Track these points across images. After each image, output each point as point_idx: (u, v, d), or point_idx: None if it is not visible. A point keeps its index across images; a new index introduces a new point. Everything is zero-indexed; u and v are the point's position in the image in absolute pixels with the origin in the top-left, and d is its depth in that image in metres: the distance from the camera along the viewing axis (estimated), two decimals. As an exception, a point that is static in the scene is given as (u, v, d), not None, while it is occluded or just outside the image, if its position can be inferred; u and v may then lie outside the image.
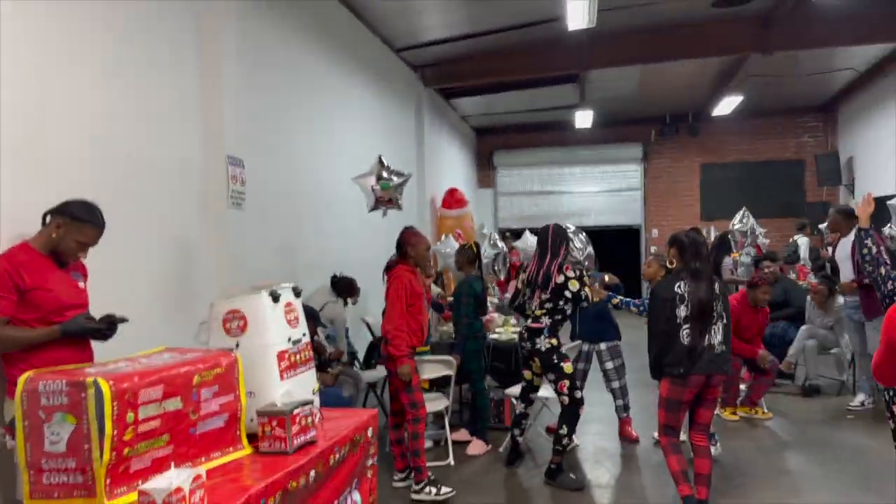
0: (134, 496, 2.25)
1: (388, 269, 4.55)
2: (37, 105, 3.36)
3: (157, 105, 4.24)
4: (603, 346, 5.47)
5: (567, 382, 4.52)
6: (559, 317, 4.55)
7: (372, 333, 6.72)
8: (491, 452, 5.30)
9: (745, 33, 9.52)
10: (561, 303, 4.53)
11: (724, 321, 3.96)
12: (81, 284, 3.05)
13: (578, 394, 4.58)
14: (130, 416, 2.25)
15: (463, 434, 5.47)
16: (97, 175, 3.70)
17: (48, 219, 2.90)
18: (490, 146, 16.37)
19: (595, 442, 5.57)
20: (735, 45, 9.80)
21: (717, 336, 3.91)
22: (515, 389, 5.62)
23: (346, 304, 6.04)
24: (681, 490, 3.93)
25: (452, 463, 5.03)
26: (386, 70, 9.05)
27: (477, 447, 5.27)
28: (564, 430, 4.58)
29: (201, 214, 4.60)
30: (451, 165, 13.17)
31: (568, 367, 4.54)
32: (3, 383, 2.84)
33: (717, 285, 3.99)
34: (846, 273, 6.08)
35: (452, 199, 10.97)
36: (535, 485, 4.71)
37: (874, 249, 3.69)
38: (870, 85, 12.59)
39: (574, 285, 4.51)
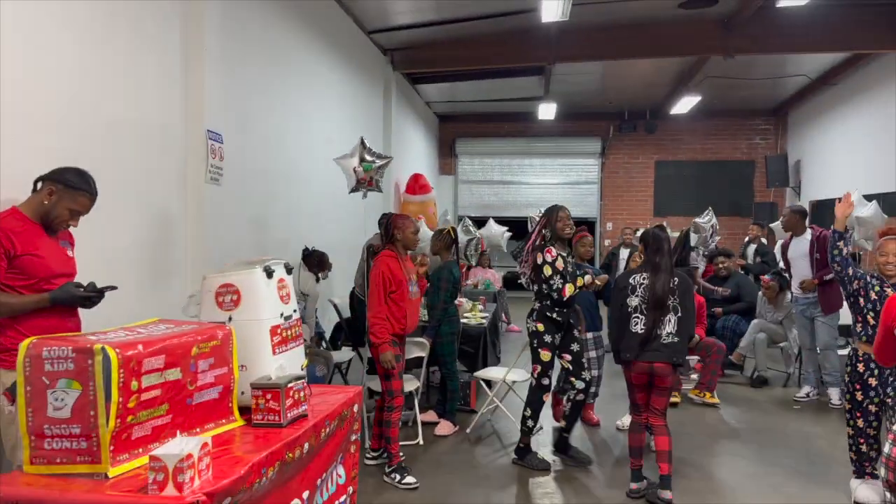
0: (136, 463, 2.28)
1: (375, 254, 4.57)
2: (23, 73, 3.29)
3: (141, 78, 4.19)
4: (590, 335, 5.60)
5: (539, 368, 4.61)
6: (547, 301, 4.54)
7: (339, 314, 6.74)
8: (458, 433, 5.41)
9: (709, 35, 9.80)
10: (544, 287, 4.53)
11: (679, 314, 4.13)
12: (70, 253, 3.01)
13: (546, 381, 4.65)
14: (135, 384, 2.26)
15: (431, 415, 5.57)
16: (82, 144, 3.64)
17: (39, 185, 2.85)
18: (452, 133, 16.44)
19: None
20: (699, 46, 10.09)
21: (667, 327, 4.10)
22: (484, 372, 5.76)
23: (317, 279, 6.03)
24: (631, 463, 4.29)
25: (421, 442, 5.13)
26: (357, 52, 9.01)
27: (445, 428, 5.37)
28: (528, 413, 4.69)
29: (180, 188, 4.56)
30: (415, 151, 13.19)
31: (545, 355, 4.57)
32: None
33: (675, 280, 4.15)
34: (801, 271, 6.34)
35: (416, 184, 11.01)
36: (502, 464, 4.84)
37: (845, 251, 3.88)
38: (820, 91, 13.10)
39: (546, 271, 4.48)
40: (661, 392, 4.20)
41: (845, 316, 7.00)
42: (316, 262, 6.09)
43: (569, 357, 4.66)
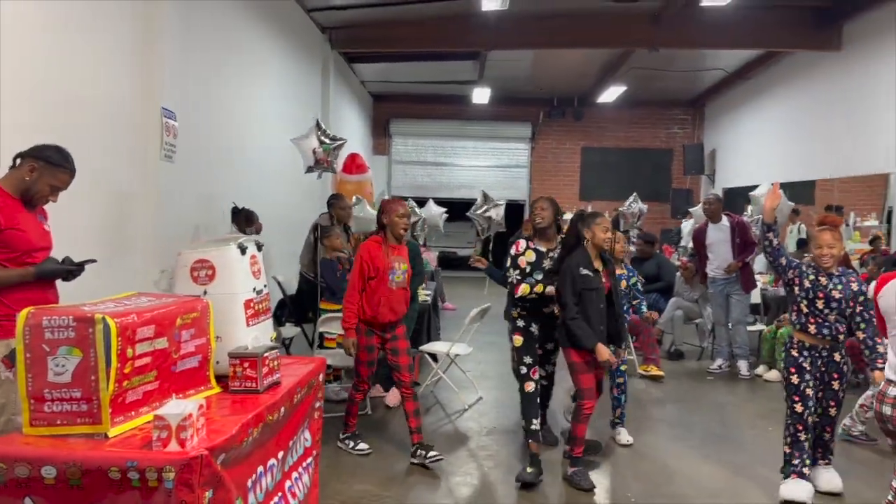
0: (130, 425, 2.44)
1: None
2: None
3: (98, 56, 4.22)
4: None
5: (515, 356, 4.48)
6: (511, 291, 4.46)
7: (283, 291, 6.86)
8: (404, 404, 5.69)
9: (637, 29, 10.31)
10: (515, 273, 4.40)
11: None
12: (46, 226, 3.09)
13: (523, 369, 4.42)
14: (130, 351, 2.42)
15: (377, 390, 5.81)
16: (39, 119, 3.67)
17: (19, 161, 2.92)
18: (386, 113, 16.53)
19: (495, 395, 6.08)
20: (628, 38, 10.60)
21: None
22: (430, 346, 6.04)
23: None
24: None
25: (370, 412, 5.38)
26: (296, 29, 9.03)
27: (394, 398, 5.62)
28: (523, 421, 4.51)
29: (135, 165, 4.60)
30: (350, 130, 13.24)
31: (516, 339, 4.44)
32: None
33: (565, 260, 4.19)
34: (722, 254, 6.89)
35: (353, 164, 11.08)
36: (446, 431, 5.17)
37: (775, 242, 4.04)
38: (735, 85, 13.92)
39: (509, 262, 4.40)
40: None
41: (755, 296, 7.70)
42: (244, 218, 6.15)
43: (540, 351, 4.60)
